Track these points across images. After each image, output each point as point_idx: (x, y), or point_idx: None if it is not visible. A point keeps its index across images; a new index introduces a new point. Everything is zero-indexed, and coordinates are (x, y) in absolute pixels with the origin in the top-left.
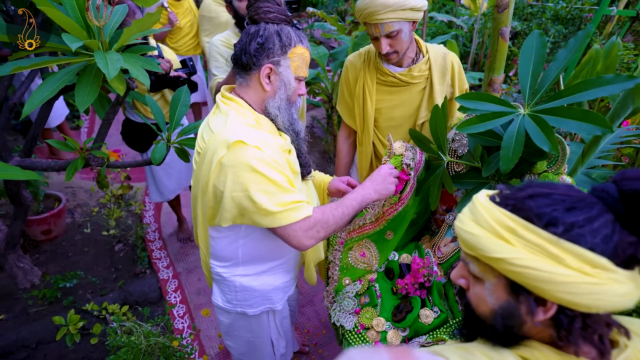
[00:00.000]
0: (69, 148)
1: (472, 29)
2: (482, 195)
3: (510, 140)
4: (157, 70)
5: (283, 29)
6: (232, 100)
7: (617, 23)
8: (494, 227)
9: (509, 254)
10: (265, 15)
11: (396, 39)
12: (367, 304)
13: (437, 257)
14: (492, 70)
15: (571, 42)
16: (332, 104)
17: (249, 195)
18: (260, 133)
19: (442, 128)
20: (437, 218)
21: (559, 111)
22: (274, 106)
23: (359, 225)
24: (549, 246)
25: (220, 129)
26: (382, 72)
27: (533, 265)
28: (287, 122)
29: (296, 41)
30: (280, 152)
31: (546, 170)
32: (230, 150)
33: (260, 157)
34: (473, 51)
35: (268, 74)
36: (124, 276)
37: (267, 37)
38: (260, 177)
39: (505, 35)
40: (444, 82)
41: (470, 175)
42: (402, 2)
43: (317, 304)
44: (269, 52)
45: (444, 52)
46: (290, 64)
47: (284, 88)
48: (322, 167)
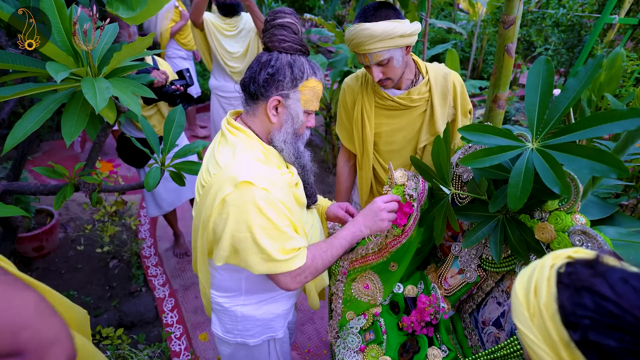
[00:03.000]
0: (57, 175)
1: (471, 34)
2: (555, 259)
3: (518, 177)
4: (149, 96)
5: (297, 60)
6: (240, 131)
7: (618, 30)
8: (529, 295)
9: (526, 329)
10: (279, 44)
11: (388, 66)
12: (372, 340)
13: (444, 289)
14: (497, 87)
15: (581, 71)
16: (331, 113)
17: (254, 237)
18: (269, 170)
19: (445, 160)
20: (443, 244)
21: (569, 148)
22: (280, 139)
23: (361, 255)
24: (560, 346)
25: (228, 164)
26: (380, 95)
27: (539, 354)
28: (293, 156)
29: (309, 74)
30: (287, 189)
31: (558, 208)
32: (237, 189)
33: (267, 199)
34: (472, 57)
35: (275, 105)
36: (119, 295)
37: (278, 69)
38: (266, 220)
39: (511, 52)
40: (446, 104)
41: (477, 208)
42: (390, 31)
43: (317, 322)
44: (279, 84)
45: (445, 73)
46: (300, 97)
47: (291, 121)
48: (320, 177)
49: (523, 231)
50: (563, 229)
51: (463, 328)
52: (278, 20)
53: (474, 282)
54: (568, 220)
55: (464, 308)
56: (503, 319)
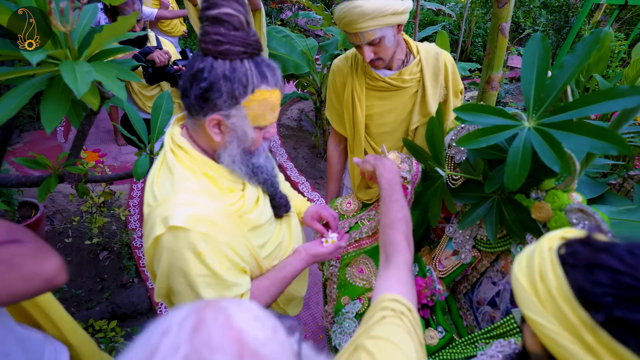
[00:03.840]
0: (39, 166)
1: (460, 16)
2: (551, 241)
3: (516, 156)
4: (136, 80)
5: (237, 68)
6: (182, 150)
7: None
8: (536, 282)
9: (539, 317)
10: (213, 48)
11: (379, 46)
12: None
13: (439, 271)
14: (490, 67)
15: (579, 47)
16: (321, 97)
17: (191, 285)
18: (211, 206)
19: (439, 140)
20: (437, 227)
21: (568, 126)
22: (227, 159)
23: (355, 239)
24: (583, 330)
25: (164, 198)
26: (371, 76)
27: (560, 342)
28: (248, 176)
29: (256, 84)
30: (235, 221)
31: (554, 187)
32: (171, 233)
33: (205, 244)
34: (461, 39)
35: (215, 124)
36: (111, 287)
37: (212, 83)
38: (204, 268)
39: (505, 32)
40: (437, 85)
41: (471, 189)
42: (382, 8)
43: (312, 307)
44: (214, 104)
45: (436, 52)
46: (246, 114)
47: (237, 141)
48: (312, 163)
49: (519, 211)
50: (560, 207)
51: (458, 308)
52: (212, 12)
53: (468, 263)
54: (565, 199)
55: (458, 289)
56: (498, 298)
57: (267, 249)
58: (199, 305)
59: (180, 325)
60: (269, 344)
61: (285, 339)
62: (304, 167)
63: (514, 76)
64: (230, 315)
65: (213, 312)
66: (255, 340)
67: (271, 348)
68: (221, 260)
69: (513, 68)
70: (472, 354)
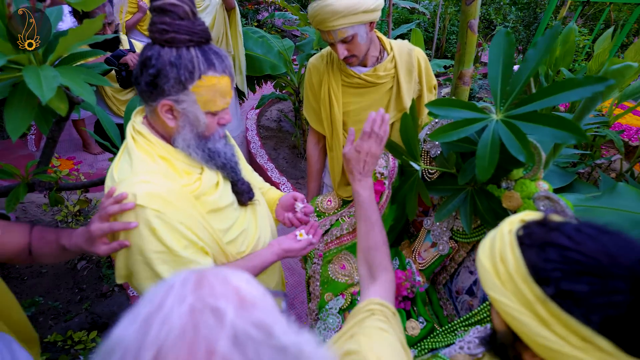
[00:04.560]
0: (6, 175)
1: (434, 14)
2: (511, 224)
3: (485, 148)
4: (106, 84)
5: (183, 55)
6: (140, 135)
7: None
8: (497, 263)
9: (500, 296)
10: (160, 36)
11: (352, 43)
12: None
13: (418, 264)
14: (462, 63)
15: (540, 42)
16: (300, 98)
17: (147, 262)
18: (166, 186)
19: (413, 136)
20: (415, 220)
21: (532, 117)
22: (182, 143)
23: (336, 236)
24: (537, 304)
25: (122, 179)
26: (346, 73)
27: (518, 317)
28: (204, 160)
29: (203, 70)
30: (191, 202)
31: (523, 176)
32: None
33: (159, 220)
34: (436, 36)
35: (168, 110)
36: (90, 297)
37: (159, 69)
38: (159, 244)
39: (474, 28)
40: (411, 80)
41: (446, 182)
42: (353, 6)
43: (297, 306)
44: (162, 90)
45: (409, 49)
46: (196, 99)
47: (190, 126)
48: (292, 163)
49: (491, 201)
50: (528, 195)
51: (438, 299)
52: (158, 2)
53: (446, 254)
54: (532, 187)
55: (438, 279)
56: (475, 286)
57: (230, 234)
58: (197, 270)
59: (183, 282)
60: (263, 300)
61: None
62: (285, 167)
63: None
64: (226, 275)
65: (212, 272)
66: (250, 294)
67: (264, 303)
68: (177, 237)
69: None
70: (452, 341)
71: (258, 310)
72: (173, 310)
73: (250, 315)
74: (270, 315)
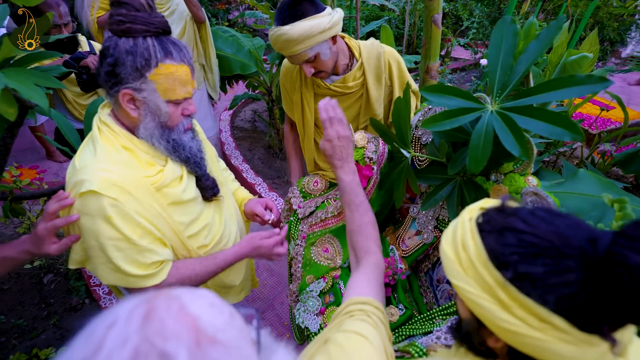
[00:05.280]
0: None
1: (404, 10)
2: (471, 212)
3: (479, 140)
4: (59, 87)
5: (139, 44)
6: (105, 125)
7: (531, 3)
8: (459, 251)
9: (462, 283)
10: (117, 27)
11: (317, 62)
12: (332, 302)
13: (402, 251)
14: (428, 57)
15: (543, 33)
16: (272, 97)
17: (102, 247)
18: (125, 175)
19: (405, 122)
20: (402, 207)
21: (529, 111)
22: (145, 133)
23: (321, 219)
24: (497, 288)
25: (83, 166)
26: (317, 84)
27: (480, 302)
28: (167, 151)
29: (159, 58)
30: (151, 193)
31: (512, 170)
32: (81, 198)
33: (115, 209)
34: (406, 33)
35: (129, 100)
36: (58, 311)
37: (117, 58)
38: (115, 231)
39: (437, 23)
40: (381, 86)
41: (435, 170)
42: (308, 31)
43: (277, 307)
44: (120, 78)
45: (379, 52)
46: (155, 88)
47: (151, 115)
48: (268, 163)
49: (479, 193)
50: (517, 190)
51: (419, 286)
52: None
53: (430, 243)
54: (522, 182)
55: (420, 267)
56: None
57: (192, 228)
58: (148, 296)
59: (128, 317)
60: (227, 330)
61: (243, 325)
62: (261, 167)
63: (458, 67)
64: (183, 302)
65: (164, 300)
66: (212, 326)
67: (229, 334)
68: (132, 227)
69: (457, 59)
70: (430, 329)
71: (218, 349)
72: (112, 355)
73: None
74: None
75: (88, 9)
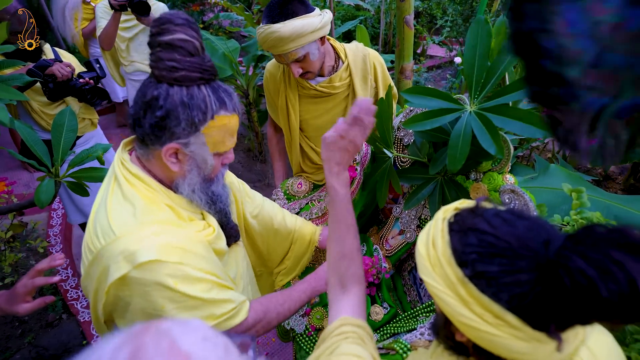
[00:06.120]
0: None
1: (379, 10)
2: (446, 212)
3: (457, 139)
4: (18, 98)
5: (195, 95)
6: (139, 179)
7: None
8: (429, 249)
9: (430, 279)
10: (169, 75)
11: (305, 61)
12: (317, 303)
13: (386, 250)
14: (402, 58)
15: None
16: (249, 100)
17: (170, 315)
18: (181, 235)
19: (388, 122)
20: (385, 207)
21: (504, 110)
22: (187, 189)
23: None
24: (458, 285)
25: (126, 233)
26: (303, 85)
27: (443, 298)
28: (206, 204)
29: (215, 110)
30: (207, 246)
31: (491, 169)
32: (140, 269)
33: (180, 273)
34: (382, 32)
35: (173, 154)
36: (34, 328)
37: (169, 111)
38: (180, 295)
39: (410, 23)
40: (367, 87)
41: (417, 170)
42: (299, 30)
43: None
44: (172, 131)
45: (364, 54)
46: (206, 141)
47: (197, 169)
48: (248, 167)
49: (460, 191)
50: (495, 188)
51: (403, 285)
52: (165, 37)
53: (413, 242)
54: (500, 180)
55: (403, 266)
56: None
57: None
58: (135, 331)
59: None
60: None
61: (238, 357)
62: (241, 171)
63: (434, 64)
64: (174, 338)
65: (154, 337)
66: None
67: None
68: (198, 283)
69: (432, 57)
70: (414, 327)
71: None
72: None
73: None
74: None
75: (71, 21)
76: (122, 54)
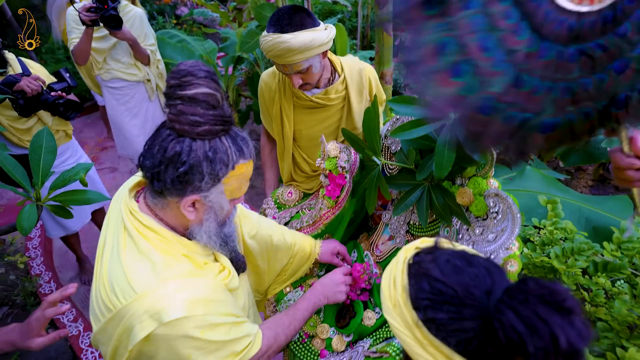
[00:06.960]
0: None
1: (355, 4)
2: (407, 252)
3: (443, 147)
4: None
5: (218, 148)
6: (152, 231)
7: None
8: (390, 288)
9: (390, 318)
10: (191, 129)
11: (307, 73)
12: None
13: (376, 256)
14: (382, 64)
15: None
16: (229, 102)
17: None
18: (202, 285)
19: (376, 130)
20: (374, 213)
21: None
22: (203, 235)
23: (296, 229)
24: (413, 327)
25: (147, 289)
26: (298, 96)
27: (402, 337)
28: (220, 247)
29: (236, 160)
30: (225, 289)
31: (475, 174)
32: (168, 326)
33: (206, 323)
34: (360, 26)
35: (191, 204)
36: None
37: (192, 166)
38: (205, 342)
39: (389, 30)
40: (362, 100)
41: (405, 177)
42: (309, 43)
43: None
44: (195, 186)
45: (360, 68)
46: (224, 189)
47: (214, 216)
48: None
49: (446, 197)
50: (480, 192)
51: None
52: (189, 92)
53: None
54: (484, 185)
55: None
56: None
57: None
58: None
59: None
60: None
61: None
62: None
63: None
64: None
65: None
66: None
67: None
68: (222, 328)
69: None
70: None
71: None
72: None
73: None
74: None
75: (57, 21)
76: (99, 65)
